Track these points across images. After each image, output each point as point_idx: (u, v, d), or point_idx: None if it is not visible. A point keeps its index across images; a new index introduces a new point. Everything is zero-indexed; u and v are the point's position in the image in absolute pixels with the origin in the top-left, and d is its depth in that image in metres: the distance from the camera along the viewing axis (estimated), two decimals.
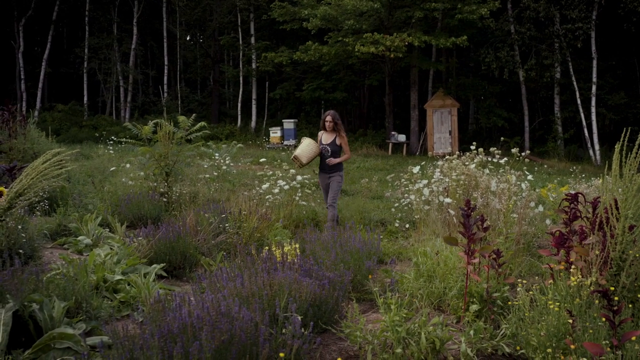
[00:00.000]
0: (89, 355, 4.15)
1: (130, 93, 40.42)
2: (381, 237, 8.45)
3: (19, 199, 6.36)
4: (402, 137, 29.68)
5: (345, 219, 10.26)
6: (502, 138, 19.96)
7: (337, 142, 9.62)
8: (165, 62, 41.34)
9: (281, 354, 3.79)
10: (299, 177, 10.73)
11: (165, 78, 41.46)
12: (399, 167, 20.44)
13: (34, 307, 4.84)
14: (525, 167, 9.17)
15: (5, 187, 7.01)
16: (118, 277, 6.33)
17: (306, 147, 9.73)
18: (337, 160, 9.55)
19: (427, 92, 33.18)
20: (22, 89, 38.72)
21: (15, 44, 39.64)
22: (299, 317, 4.38)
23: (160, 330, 3.90)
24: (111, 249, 7.51)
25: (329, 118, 9.65)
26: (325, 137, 9.74)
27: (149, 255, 7.25)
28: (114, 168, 13.65)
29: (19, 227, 6.94)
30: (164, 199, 10.34)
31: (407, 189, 10.02)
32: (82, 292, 5.53)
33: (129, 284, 6.27)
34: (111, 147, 20.23)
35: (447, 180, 9.00)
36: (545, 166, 20.43)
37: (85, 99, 40.05)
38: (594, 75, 28.94)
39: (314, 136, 32.50)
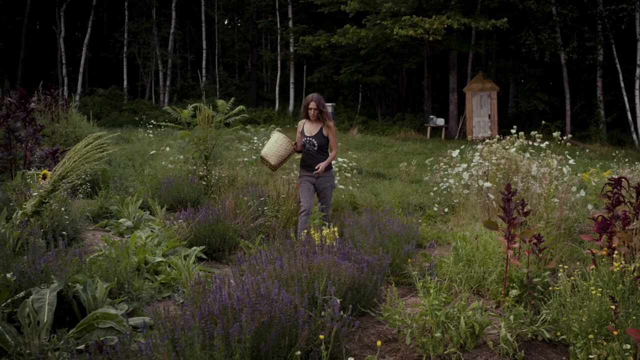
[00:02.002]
0: (131, 335, 4.22)
1: (169, 77, 40.72)
2: (420, 221, 8.43)
3: (62, 182, 6.48)
4: (440, 121, 29.44)
5: (384, 203, 10.23)
6: (543, 122, 19.68)
7: (324, 133, 7.80)
8: (204, 46, 41.51)
9: (321, 336, 3.81)
10: (339, 159, 10.70)
11: (204, 62, 41.65)
12: (437, 151, 20.31)
13: (78, 287, 4.94)
14: (566, 152, 9.03)
15: (49, 170, 7.13)
16: (159, 259, 6.42)
17: (274, 144, 7.87)
18: (327, 162, 7.74)
19: (467, 76, 32.79)
20: (64, 73, 39.26)
21: (57, 29, 40.18)
22: (338, 300, 4.38)
23: (201, 312, 3.94)
24: (152, 231, 7.61)
25: (312, 104, 7.74)
26: (309, 128, 7.88)
27: (189, 237, 7.34)
28: (153, 152, 13.81)
29: (62, 209, 7.07)
30: (203, 182, 10.43)
31: (446, 173, 9.94)
32: (123, 274, 5.62)
33: (169, 266, 6.36)
34: (151, 131, 20.44)
35: (486, 164, 8.91)
36: (587, 150, 20.12)
37: (125, 83, 40.47)
38: (638, 57, 28.31)
39: (349, 121, 32.41)
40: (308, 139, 7.81)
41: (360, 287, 5.19)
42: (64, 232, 6.77)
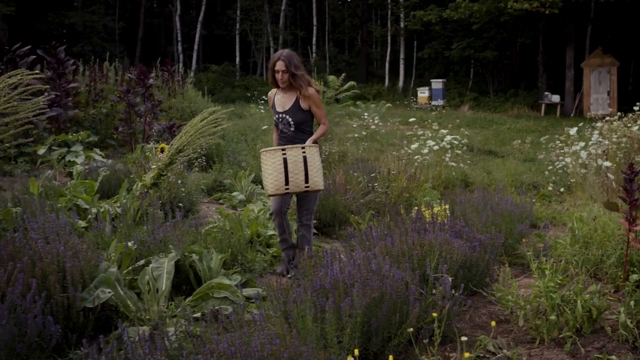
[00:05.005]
0: (245, 305, 4.33)
1: None
2: (534, 200, 8.20)
3: (179, 155, 6.68)
4: (555, 98, 28.44)
5: (496, 181, 10.01)
6: None
7: (303, 105, 5.48)
8: (314, 23, 41.76)
9: (434, 314, 3.78)
10: (448, 137, 10.54)
11: (314, 38, 41.90)
12: (552, 129, 19.67)
13: (194, 257, 5.10)
14: None
15: (166, 144, 7.38)
16: (270, 232, 6.54)
17: (318, 163, 5.37)
18: (314, 138, 5.51)
19: (584, 50, 31.44)
20: (179, 50, 40.48)
21: (173, 8, 41.47)
22: (450, 278, 4.34)
23: (312, 285, 3.99)
24: (264, 205, 7.75)
25: (279, 65, 5.39)
26: (281, 101, 5.57)
27: None
28: (265, 127, 14.01)
29: (179, 181, 7.32)
30: None
31: (562, 151, 9.61)
32: (237, 246, 5.76)
33: None
34: (262, 107, 20.74)
35: (606, 142, 8.55)
36: None
37: (237, 59, 41.32)
38: None
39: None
40: (280, 115, 5.54)
41: (472, 266, 5.11)
42: (181, 204, 7.00)
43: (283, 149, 5.20)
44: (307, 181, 5.23)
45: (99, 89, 13.39)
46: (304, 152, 5.23)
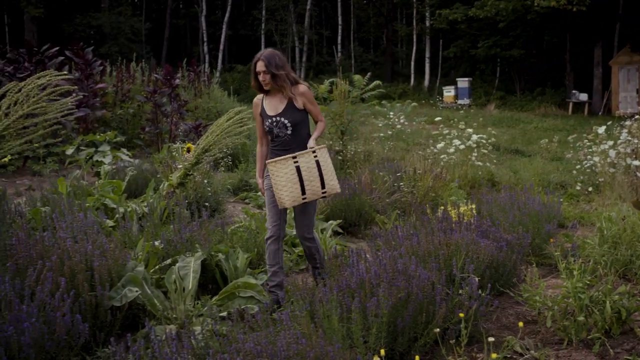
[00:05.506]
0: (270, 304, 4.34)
1: (305, 53, 41.35)
2: (561, 200, 8.12)
3: (205, 155, 6.72)
4: (583, 96, 28.15)
5: (523, 180, 9.93)
6: None
7: (298, 104, 4.88)
8: (339, 22, 41.74)
9: (461, 314, 3.76)
10: (475, 137, 10.47)
11: (339, 38, 41.88)
12: (580, 128, 19.49)
13: (220, 257, 5.12)
14: None
15: (192, 144, 7.43)
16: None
17: (330, 165, 4.84)
18: (317, 134, 4.86)
19: (613, 48, 31.04)
20: (205, 51, 40.72)
21: (199, 8, 41.72)
22: (476, 279, 4.31)
23: (338, 285, 3.98)
24: None
25: (260, 66, 4.77)
26: (271, 104, 4.92)
27: (325, 211, 7.42)
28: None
29: (205, 181, 7.36)
30: (339, 157, 10.50)
31: (590, 150, 9.51)
32: (263, 245, 5.76)
33: None
34: None
35: (635, 141, 8.44)
36: None
37: None
38: None
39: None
40: (274, 119, 4.88)
41: (499, 266, 5.07)
42: (207, 204, 7.04)
43: (294, 157, 4.69)
44: (323, 186, 4.79)
45: (125, 90, 13.49)
46: (315, 157, 4.75)
